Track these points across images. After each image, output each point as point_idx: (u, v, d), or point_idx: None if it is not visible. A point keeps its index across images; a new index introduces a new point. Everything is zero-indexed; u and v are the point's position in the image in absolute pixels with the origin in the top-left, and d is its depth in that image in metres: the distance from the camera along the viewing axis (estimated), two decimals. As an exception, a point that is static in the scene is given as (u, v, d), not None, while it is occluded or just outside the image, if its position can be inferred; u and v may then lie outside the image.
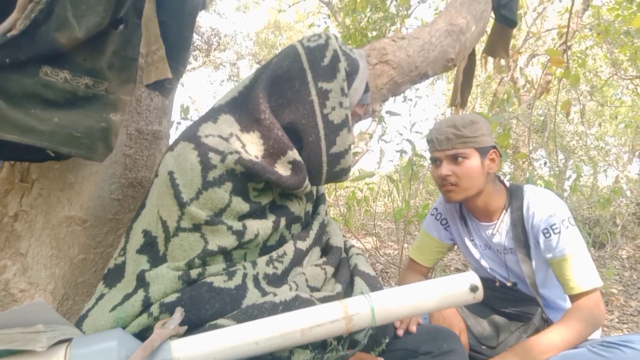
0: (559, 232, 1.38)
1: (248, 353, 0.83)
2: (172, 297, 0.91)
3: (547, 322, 1.43)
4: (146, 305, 0.92)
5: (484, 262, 1.61)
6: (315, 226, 1.19)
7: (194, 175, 0.96)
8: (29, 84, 0.91)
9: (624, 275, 3.78)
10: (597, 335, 1.40)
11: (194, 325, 0.90)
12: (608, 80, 8.25)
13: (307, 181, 1.09)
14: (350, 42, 5.72)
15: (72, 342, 0.76)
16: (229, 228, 0.97)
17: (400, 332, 1.07)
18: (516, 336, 1.41)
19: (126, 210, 1.26)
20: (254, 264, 1.02)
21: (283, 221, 1.09)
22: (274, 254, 1.07)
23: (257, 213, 1.05)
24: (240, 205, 1.00)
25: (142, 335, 0.88)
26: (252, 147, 1.04)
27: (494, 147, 1.48)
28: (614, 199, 5.39)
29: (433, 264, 1.74)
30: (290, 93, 1.06)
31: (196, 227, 0.96)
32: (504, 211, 1.51)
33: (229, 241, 0.97)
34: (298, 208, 1.15)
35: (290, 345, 0.86)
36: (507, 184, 1.55)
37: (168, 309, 0.90)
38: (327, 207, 1.28)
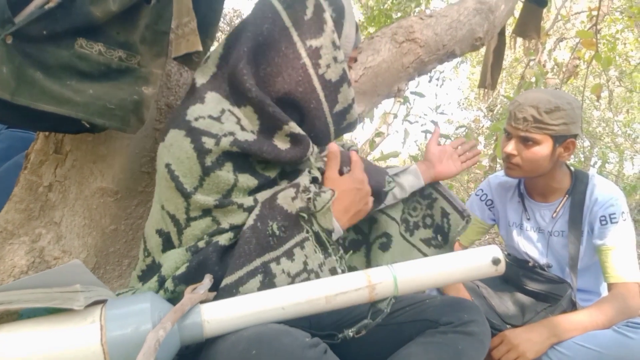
0: (616, 223, 1.40)
1: (275, 317, 0.86)
2: (183, 269, 0.91)
3: (574, 306, 1.44)
4: (162, 282, 0.93)
5: (522, 243, 1.62)
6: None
7: (192, 164, 0.92)
8: (65, 55, 0.93)
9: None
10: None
11: (213, 288, 0.90)
12: (638, 66, 8.04)
13: (310, 149, 1.04)
14: (373, 23, 5.67)
15: (106, 303, 0.80)
16: (240, 206, 0.95)
17: None
18: (542, 316, 1.42)
19: (155, 184, 1.29)
20: None
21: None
22: None
23: (268, 185, 1.01)
24: (248, 181, 0.97)
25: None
26: (247, 121, 1.00)
27: (574, 136, 1.42)
28: (639, 187, 5.29)
29: (470, 244, 1.78)
30: (278, 59, 0.98)
31: (206, 212, 0.94)
32: (566, 195, 1.51)
33: (242, 218, 0.95)
34: (304, 167, 1.10)
35: (315, 311, 0.89)
36: (572, 168, 1.54)
37: (181, 280, 0.91)
38: None
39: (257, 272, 0.90)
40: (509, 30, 3.35)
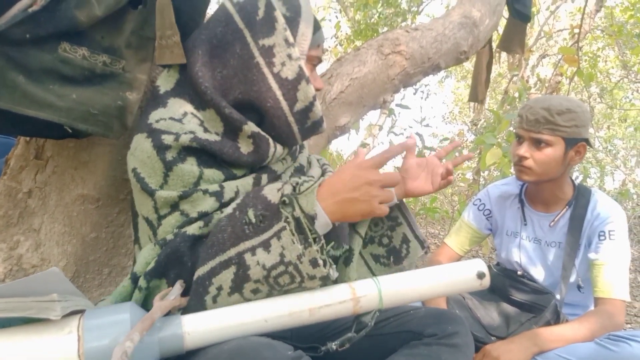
0: (614, 239, 1.42)
1: (257, 330, 0.85)
2: (152, 264, 0.89)
3: (559, 316, 1.44)
4: (135, 280, 0.91)
5: (516, 252, 1.64)
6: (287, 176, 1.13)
7: (153, 162, 0.91)
8: (48, 59, 0.92)
9: (629, 277, 3.78)
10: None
11: (186, 278, 0.88)
12: (618, 83, 8.20)
13: (271, 150, 1.02)
14: (360, 37, 5.73)
15: (85, 313, 0.78)
16: (205, 192, 0.92)
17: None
18: (526, 327, 1.43)
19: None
20: None
21: (265, 178, 1.03)
22: None
23: (236, 177, 1.00)
24: (214, 175, 0.95)
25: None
26: (211, 123, 0.99)
27: (585, 140, 1.45)
28: (620, 201, 5.38)
29: (465, 253, 1.79)
30: (234, 61, 0.98)
31: (174, 207, 0.92)
32: (567, 207, 1.53)
33: (209, 204, 0.93)
34: (281, 167, 1.09)
35: (298, 324, 0.88)
36: (576, 182, 1.57)
37: (152, 276, 0.89)
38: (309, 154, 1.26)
39: (231, 262, 0.85)
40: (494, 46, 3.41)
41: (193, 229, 0.90)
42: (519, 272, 1.59)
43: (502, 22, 2.58)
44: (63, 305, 0.75)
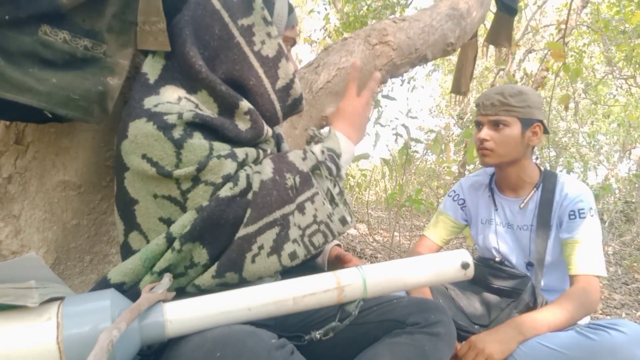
0: (584, 218, 1.45)
1: (240, 318, 0.84)
2: (188, 227, 0.89)
3: (536, 298, 1.46)
4: (170, 241, 0.90)
5: (492, 238, 1.66)
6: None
7: (162, 142, 0.90)
8: (28, 42, 0.90)
9: (609, 270, 3.84)
10: (586, 321, 1.44)
11: (222, 244, 0.91)
12: (603, 79, 8.29)
13: (265, 128, 1.05)
14: (349, 29, 5.71)
15: (64, 300, 0.76)
16: (219, 157, 0.92)
17: None
18: (507, 313, 1.44)
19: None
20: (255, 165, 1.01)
21: (262, 154, 1.05)
22: None
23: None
24: (222, 146, 0.96)
25: (169, 270, 0.91)
26: (205, 105, 1.00)
27: (540, 121, 1.53)
28: (602, 195, 5.45)
29: (444, 244, 1.82)
30: (214, 42, 1.00)
31: (196, 180, 0.91)
32: (535, 189, 1.57)
33: (228, 166, 0.93)
34: (270, 148, 1.11)
35: (282, 312, 0.87)
36: (542, 168, 1.62)
37: (187, 239, 0.89)
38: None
39: (276, 223, 0.94)
40: (480, 40, 3.41)
41: (225, 191, 0.91)
42: (496, 258, 1.61)
43: (489, 16, 2.59)
44: (41, 292, 0.74)
